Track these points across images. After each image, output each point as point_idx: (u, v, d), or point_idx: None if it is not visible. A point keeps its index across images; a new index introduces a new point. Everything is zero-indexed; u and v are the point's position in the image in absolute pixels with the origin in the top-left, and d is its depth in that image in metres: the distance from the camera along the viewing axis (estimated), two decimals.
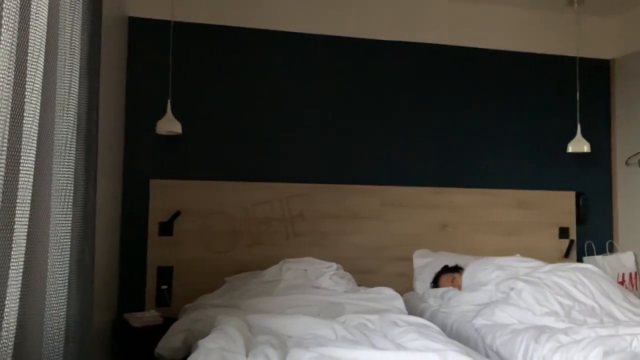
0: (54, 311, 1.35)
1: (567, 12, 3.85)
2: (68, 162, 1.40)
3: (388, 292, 2.83)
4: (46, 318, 1.33)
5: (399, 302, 2.75)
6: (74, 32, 1.42)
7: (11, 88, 1.16)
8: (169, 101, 3.16)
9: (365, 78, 3.66)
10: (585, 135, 3.61)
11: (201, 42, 3.43)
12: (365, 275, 3.36)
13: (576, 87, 3.75)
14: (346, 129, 3.60)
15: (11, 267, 1.18)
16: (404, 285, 3.41)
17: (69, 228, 1.40)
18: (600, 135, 3.98)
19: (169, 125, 3.13)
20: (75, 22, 1.42)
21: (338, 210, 3.48)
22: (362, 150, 3.61)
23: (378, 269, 3.50)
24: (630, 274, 3.73)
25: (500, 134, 3.84)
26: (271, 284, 2.84)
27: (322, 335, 2.09)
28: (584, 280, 2.71)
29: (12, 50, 1.17)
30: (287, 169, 3.49)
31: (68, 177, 1.40)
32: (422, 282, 3.36)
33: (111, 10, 2.73)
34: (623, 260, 3.76)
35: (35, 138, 1.23)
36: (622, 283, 3.65)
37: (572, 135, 3.64)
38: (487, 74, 3.85)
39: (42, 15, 1.25)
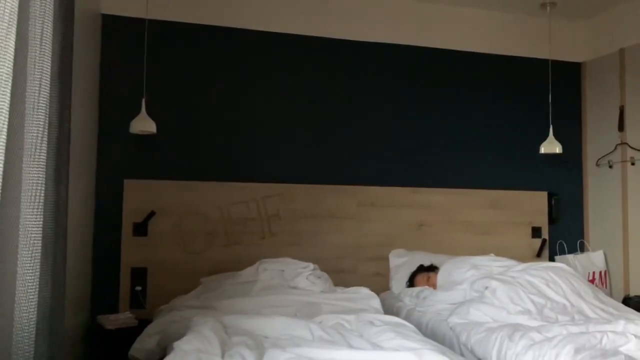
0: (24, 313, 1.32)
1: (539, 16, 3.92)
2: (39, 162, 1.37)
3: (364, 291, 2.84)
4: (16, 320, 1.30)
5: (375, 301, 2.76)
6: (45, 29, 1.39)
7: None
8: (143, 100, 3.12)
9: (341, 78, 3.67)
10: (557, 136, 3.68)
11: (176, 41, 3.39)
12: (341, 275, 3.36)
13: (548, 89, 3.82)
14: (323, 130, 3.60)
15: None
16: (380, 284, 3.43)
17: (40, 229, 1.37)
18: (572, 137, 4.06)
19: (144, 124, 3.09)
20: (47, 18, 1.39)
21: (314, 210, 3.48)
22: (339, 150, 3.62)
23: (354, 268, 3.51)
24: (600, 272, 3.81)
25: (474, 135, 3.89)
26: (247, 285, 2.83)
27: (299, 336, 2.08)
28: (556, 279, 2.76)
29: None
30: (263, 169, 3.48)
31: (39, 177, 1.37)
32: (398, 281, 3.39)
33: (84, 7, 2.68)
34: (593, 259, 3.85)
35: (5, 137, 1.20)
36: (592, 281, 3.73)
37: (544, 136, 3.70)
38: (461, 76, 3.89)
39: (11, 11, 1.22)
